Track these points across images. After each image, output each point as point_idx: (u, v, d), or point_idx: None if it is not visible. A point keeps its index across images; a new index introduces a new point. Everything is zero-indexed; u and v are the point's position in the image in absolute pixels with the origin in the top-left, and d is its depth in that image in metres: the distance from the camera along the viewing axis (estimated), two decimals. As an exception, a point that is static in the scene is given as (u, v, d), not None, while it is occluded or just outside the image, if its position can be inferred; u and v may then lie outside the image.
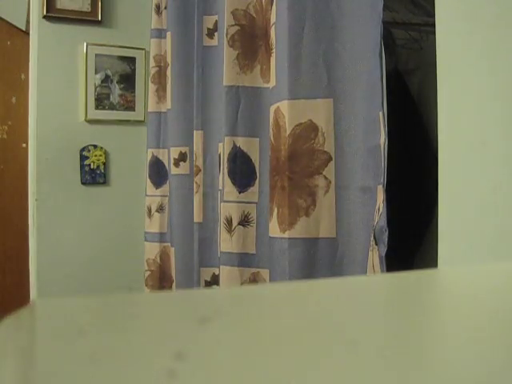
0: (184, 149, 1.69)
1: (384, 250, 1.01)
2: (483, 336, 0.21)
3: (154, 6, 1.87)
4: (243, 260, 1.36)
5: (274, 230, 1.22)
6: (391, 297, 0.29)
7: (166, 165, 1.82)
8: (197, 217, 1.59)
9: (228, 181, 1.38)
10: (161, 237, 1.88)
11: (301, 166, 1.17)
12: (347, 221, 1.14)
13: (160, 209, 1.88)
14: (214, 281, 1.55)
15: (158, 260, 1.88)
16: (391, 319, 0.23)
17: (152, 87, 1.90)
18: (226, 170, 1.39)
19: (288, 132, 1.17)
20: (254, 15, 1.38)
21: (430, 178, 0.91)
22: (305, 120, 1.17)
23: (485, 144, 0.79)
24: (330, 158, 1.16)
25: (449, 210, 0.85)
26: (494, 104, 0.77)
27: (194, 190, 1.60)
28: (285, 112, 1.18)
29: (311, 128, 1.17)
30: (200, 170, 1.59)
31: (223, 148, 1.40)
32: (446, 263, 0.85)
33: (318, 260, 1.17)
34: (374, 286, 0.32)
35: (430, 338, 0.20)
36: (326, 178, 1.16)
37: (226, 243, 1.38)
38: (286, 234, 1.17)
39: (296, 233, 1.16)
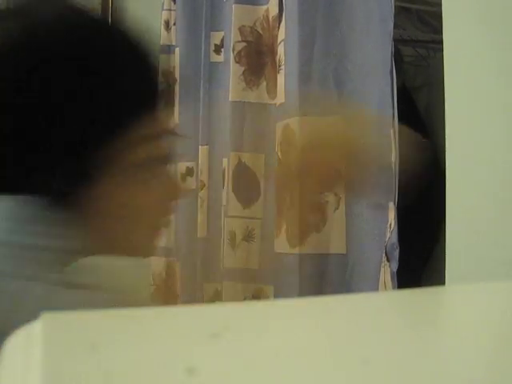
0: (191, 164, 1.70)
1: (395, 266, 1.01)
2: (493, 355, 0.21)
3: (163, 22, 1.89)
4: (246, 276, 1.35)
5: (283, 245, 1.21)
6: (398, 315, 0.29)
7: (173, 179, 1.83)
8: (200, 232, 1.58)
9: (232, 196, 1.38)
10: (166, 251, 1.88)
11: (311, 183, 1.17)
12: (358, 237, 1.14)
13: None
14: (218, 296, 1.54)
15: (164, 274, 1.88)
16: (400, 337, 0.23)
17: (160, 103, 1.91)
18: (230, 186, 1.38)
19: (298, 148, 1.17)
20: (261, 32, 1.40)
21: (438, 194, 0.91)
22: (315, 136, 1.17)
23: (494, 161, 0.78)
24: (340, 175, 1.16)
25: (456, 227, 0.85)
26: (502, 120, 0.77)
27: (199, 205, 1.60)
28: (295, 129, 1.18)
29: (322, 144, 1.17)
30: (205, 185, 1.59)
31: (228, 163, 1.40)
32: (454, 281, 0.84)
33: (328, 276, 1.16)
34: (381, 303, 0.32)
35: (439, 356, 0.20)
36: (336, 194, 1.16)
37: (230, 258, 1.37)
38: (296, 250, 1.17)
39: (306, 249, 1.16)
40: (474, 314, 0.27)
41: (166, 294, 1.87)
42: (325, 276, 1.16)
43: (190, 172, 1.70)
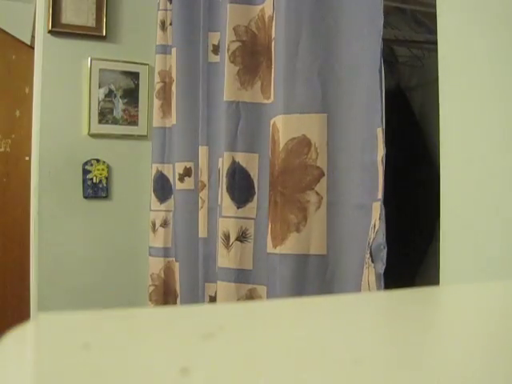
0: (189, 164, 1.70)
1: (382, 267, 0.98)
2: (484, 353, 0.21)
3: (158, 22, 1.89)
4: (240, 276, 1.35)
5: (269, 245, 1.21)
6: (393, 314, 0.29)
7: (171, 180, 1.83)
8: (202, 232, 1.58)
9: (226, 196, 1.38)
10: (165, 251, 1.88)
11: (293, 181, 1.16)
12: (339, 237, 1.13)
13: (164, 223, 1.88)
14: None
15: (162, 275, 1.88)
16: (393, 337, 0.23)
17: (157, 102, 1.91)
18: (224, 186, 1.38)
19: (281, 146, 1.17)
20: (256, 31, 1.39)
21: (432, 194, 0.91)
22: (298, 135, 1.16)
23: (487, 160, 0.79)
24: (323, 174, 1.15)
25: (450, 227, 0.85)
26: (495, 120, 0.78)
27: (199, 205, 1.59)
28: (279, 126, 1.18)
29: (304, 143, 1.16)
30: (205, 186, 1.59)
31: (222, 163, 1.40)
32: (448, 281, 0.84)
33: (308, 276, 1.15)
34: (376, 302, 0.32)
35: (432, 355, 0.20)
36: (317, 193, 1.15)
37: (224, 259, 1.37)
38: (278, 250, 1.17)
39: (286, 248, 1.15)
40: (468, 314, 0.27)
41: (165, 294, 1.87)
42: (304, 276, 1.15)
43: (188, 172, 1.70)
